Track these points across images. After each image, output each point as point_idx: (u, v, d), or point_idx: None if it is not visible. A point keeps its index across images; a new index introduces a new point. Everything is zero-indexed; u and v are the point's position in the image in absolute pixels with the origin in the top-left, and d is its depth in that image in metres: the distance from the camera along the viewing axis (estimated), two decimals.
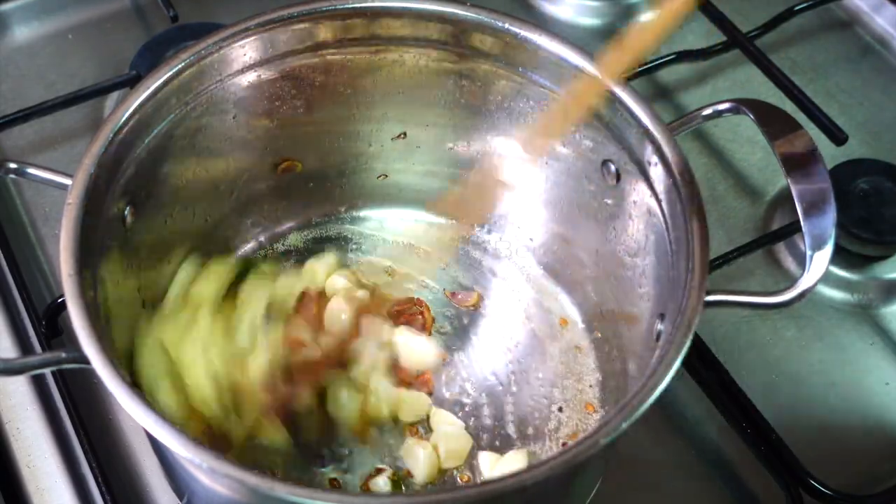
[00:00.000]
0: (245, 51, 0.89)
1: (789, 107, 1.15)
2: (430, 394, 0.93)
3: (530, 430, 0.92)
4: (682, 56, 1.21)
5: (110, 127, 0.81)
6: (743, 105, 0.86)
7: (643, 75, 1.19)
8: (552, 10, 1.32)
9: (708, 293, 0.75)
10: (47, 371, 0.94)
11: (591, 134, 0.90)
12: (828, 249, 0.77)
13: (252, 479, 0.66)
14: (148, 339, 0.86)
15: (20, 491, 0.90)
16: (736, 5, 1.29)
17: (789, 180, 0.80)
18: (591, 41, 1.28)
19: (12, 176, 0.82)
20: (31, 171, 0.81)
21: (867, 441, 0.96)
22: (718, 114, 0.87)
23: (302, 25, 0.90)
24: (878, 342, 1.02)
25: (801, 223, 0.78)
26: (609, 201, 0.91)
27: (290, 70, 0.93)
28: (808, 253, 0.77)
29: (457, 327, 0.99)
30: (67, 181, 0.79)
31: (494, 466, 0.88)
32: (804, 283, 0.77)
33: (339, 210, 1.05)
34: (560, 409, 0.93)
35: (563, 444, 0.91)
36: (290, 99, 0.95)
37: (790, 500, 0.88)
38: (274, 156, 0.99)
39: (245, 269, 0.97)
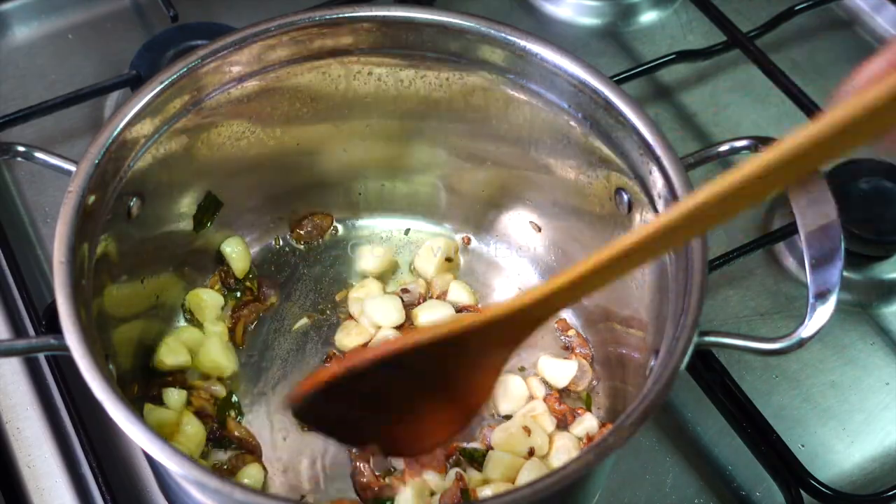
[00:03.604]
0: (254, 54, 0.89)
1: (789, 106, 1.15)
2: None
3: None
4: (682, 56, 1.21)
5: (119, 119, 0.81)
6: (761, 143, 0.83)
7: (643, 75, 1.19)
8: (552, 9, 1.31)
9: (705, 334, 0.74)
10: (40, 356, 0.94)
11: (607, 161, 0.88)
12: (830, 304, 0.75)
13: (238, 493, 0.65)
14: None
15: (20, 491, 0.90)
16: (736, 5, 1.29)
17: (799, 225, 0.78)
18: (591, 41, 1.28)
19: (20, 159, 0.81)
20: (39, 155, 0.81)
21: (867, 441, 0.96)
22: (736, 150, 0.85)
23: (302, 34, 0.89)
24: (878, 342, 1.02)
25: (807, 272, 0.76)
26: (620, 232, 0.89)
27: (293, 77, 0.92)
28: (811, 301, 0.75)
29: None
30: (73, 167, 0.78)
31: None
32: (803, 333, 0.75)
33: (338, 216, 1.06)
34: None
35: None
36: (291, 106, 0.95)
37: (790, 500, 0.88)
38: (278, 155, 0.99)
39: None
